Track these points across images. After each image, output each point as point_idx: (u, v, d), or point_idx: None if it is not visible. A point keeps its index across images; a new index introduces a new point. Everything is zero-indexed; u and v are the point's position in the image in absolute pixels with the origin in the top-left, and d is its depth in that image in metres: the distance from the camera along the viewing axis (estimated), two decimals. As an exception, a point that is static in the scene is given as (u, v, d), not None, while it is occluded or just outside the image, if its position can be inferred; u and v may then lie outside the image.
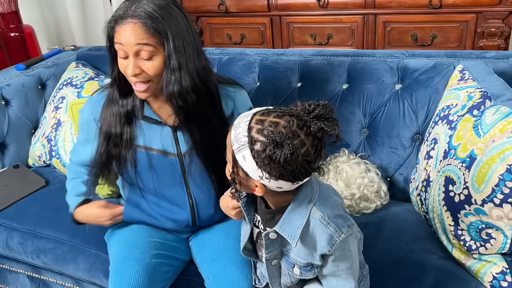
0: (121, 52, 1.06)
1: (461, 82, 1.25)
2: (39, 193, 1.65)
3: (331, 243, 0.86)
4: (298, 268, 0.92)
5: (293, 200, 0.87)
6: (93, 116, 1.22)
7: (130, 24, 1.03)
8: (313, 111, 0.77)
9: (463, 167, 1.05)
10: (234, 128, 0.82)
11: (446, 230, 1.12)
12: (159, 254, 1.17)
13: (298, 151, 0.76)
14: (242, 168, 0.81)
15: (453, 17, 2.02)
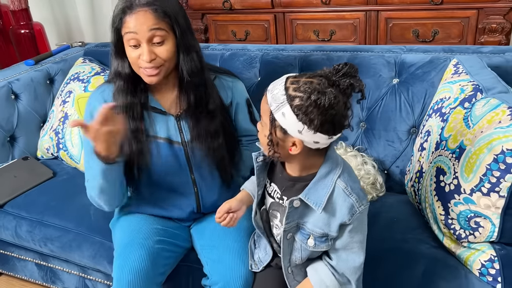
0: (132, 41, 1.10)
1: (455, 76, 1.28)
2: (46, 184, 1.71)
3: (351, 212, 0.91)
4: (313, 239, 0.96)
5: (319, 170, 0.92)
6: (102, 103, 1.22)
7: (141, 12, 1.08)
8: (341, 70, 0.83)
9: (453, 158, 1.08)
10: (270, 91, 0.87)
11: (437, 219, 1.15)
12: (162, 240, 1.21)
13: (339, 98, 0.82)
14: (280, 126, 0.85)
15: (454, 13, 2.04)
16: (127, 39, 1.10)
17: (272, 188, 1.02)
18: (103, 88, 1.25)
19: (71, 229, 1.48)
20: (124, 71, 1.17)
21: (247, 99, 1.34)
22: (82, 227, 1.48)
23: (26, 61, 1.96)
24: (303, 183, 0.95)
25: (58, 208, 1.56)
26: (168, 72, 1.16)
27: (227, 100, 1.27)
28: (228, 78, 1.29)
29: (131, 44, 1.10)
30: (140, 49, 1.10)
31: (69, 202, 1.59)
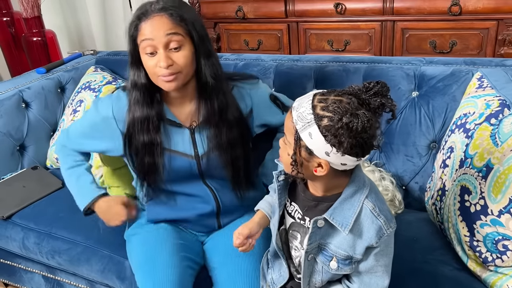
0: (148, 48, 1.07)
1: (479, 90, 1.23)
2: (55, 194, 1.68)
3: (379, 235, 0.87)
4: (335, 262, 0.91)
5: (345, 190, 0.88)
6: (115, 115, 1.20)
7: (156, 18, 1.06)
8: (372, 88, 0.79)
9: (479, 177, 1.03)
10: (295, 109, 0.83)
11: (461, 240, 1.09)
12: (185, 257, 1.18)
13: (372, 120, 0.78)
14: (306, 146, 0.81)
15: (473, 24, 1.99)
16: (143, 47, 1.07)
17: (292, 207, 0.98)
18: (119, 96, 1.22)
19: (79, 242, 1.45)
20: (140, 81, 1.13)
21: (270, 95, 1.31)
22: (91, 240, 1.44)
23: (38, 69, 1.95)
24: (327, 203, 0.91)
25: (66, 220, 1.53)
26: (186, 80, 1.13)
27: (246, 108, 1.24)
28: (246, 85, 1.26)
29: (147, 52, 1.07)
30: (157, 57, 1.07)
31: (77, 213, 1.52)
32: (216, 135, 1.18)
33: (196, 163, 1.20)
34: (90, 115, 1.27)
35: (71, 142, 1.33)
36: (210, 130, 1.18)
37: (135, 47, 1.10)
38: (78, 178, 1.32)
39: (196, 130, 1.19)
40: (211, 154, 1.19)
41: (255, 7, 2.40)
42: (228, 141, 1.18)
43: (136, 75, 1.13)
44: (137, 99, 1.15)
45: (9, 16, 2.47)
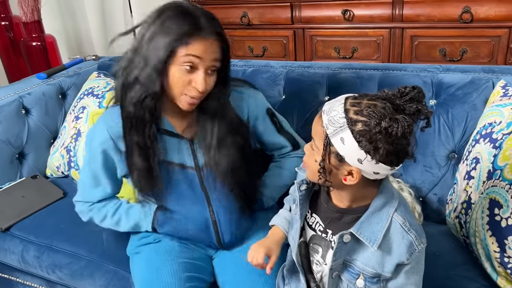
0: (189, 64, 1.00)
1: (504, 99, 1.19)
2: (56, 205, 1.61)
3: (410, 251, 0.82)
4: (362, 280, 0.85)
5: (373, 203, 0.83)
6: (110, 134, 1.14)
7: (210, 40, 1.00)
8: (408, 94, 0.75)
9: (511, 190, 0.98)
10: (326, 113, 0.78)
11: (490, 256, 1.04)
12: (191, 277, 1.11)
13: (412, 126, 0.73)
14: (337, 152, 0.76)
15: (484, 31, 1.96)
16: (183, 61, 1.00)
17: (313, 219, 0.92)
18: (111, 112, 1.16)
19: (82, 256, 1.38)
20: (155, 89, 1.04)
21: (268, 109, 1.25)
22: (95, 253, 1.37)
23: (38, 74, 1.88)
24: (353, 216, 0.85)
25: (68, 232, 1.46)
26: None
27: (243, 117, 1.18)
28: (245, 91, 1.20)
29: (186, 66, 1.01)
30: (193, 75, 1.02)
31: (80, 225, 1.47)
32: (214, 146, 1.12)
33: (196, 175, 1.15)
34: (90, 159, 1.20)
35: (93, 196, 1.25)
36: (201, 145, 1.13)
37: (169, 54, 1.00)
38: (127, 214, 1.24)
39: (195, 141, 1.14)
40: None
41: (261, 13, 2.36)
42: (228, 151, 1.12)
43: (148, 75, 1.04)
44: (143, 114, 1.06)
45: (7, 20, 2.40)
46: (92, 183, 1.22)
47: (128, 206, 1.24)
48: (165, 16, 1.01)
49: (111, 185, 1.22)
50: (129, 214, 1.22)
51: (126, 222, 1.23)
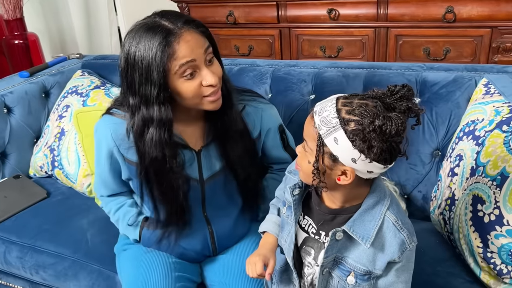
0: (188, 71, 0.95)
1: (487, 97, 1.20)
2: (39, 205, 1.59)
3: (402, 249, 0.82)
4: (353, 277, 0.85)
5: (365, 201, 0.83)
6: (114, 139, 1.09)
7: (188, 35, 0.93)
8: (398, 92, 0.75)
9: (493, 186, 1.00)
10: (318, 113, 0.77)
11: (473, 252, 1.05)
12: (180, 277, 1.10)
13: (405, 124, 0.73)
14: (331, 153, 0.76)
15: (467, 31, 1.99)
16: (181, 72, 0.94)
17: (306, 221, 0.92)
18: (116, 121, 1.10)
19: (66, 256, 1.36)
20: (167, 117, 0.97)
21: (280, 125, 1.23)
22: (79, 253, 1.36)
23: (21, 72, 1.85)
24: (345, 216, 0.85)
25: (52, 232, 1.44)
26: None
27: (255, 131, 1.15)
28: (259, 105, 1.17)
29: (186, 76, 0.95)
30: (199, 77, 0.97)
31: (64, 225, 1.47)
32: (222, 155, 1.10)
33: (200, 189, 1.12)
34: (98, 160, 1.16)
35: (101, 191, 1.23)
36: (219, 150, 1.10)
37: (164, 77, 0.93)
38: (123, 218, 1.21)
39: (203, 152, 1.10)
40: (218, 176, 1.12)
41: (247, 12, 2.35)
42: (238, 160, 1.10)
43: (160, 111, 0.96)
44: (157, 139, 0.99)
45: (-12, 18, 2.37)
46: (100, 180, 1.21)
47: (126, 211, 1.20)
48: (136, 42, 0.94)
49: (117, 185, 1.20)
50: (124, 219, 1.20)
51: (121, 225, 1.22)
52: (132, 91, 0.97)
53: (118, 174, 1.16)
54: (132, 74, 0.95)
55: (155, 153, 1.00)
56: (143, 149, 1.01)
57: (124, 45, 0.98)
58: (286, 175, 0.98)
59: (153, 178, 1.04)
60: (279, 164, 1.27)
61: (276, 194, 1.05)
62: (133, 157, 1.08)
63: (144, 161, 1.03)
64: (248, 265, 0.92)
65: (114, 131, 1.08)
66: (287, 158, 1.25)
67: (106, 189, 1.21)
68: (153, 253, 1.14)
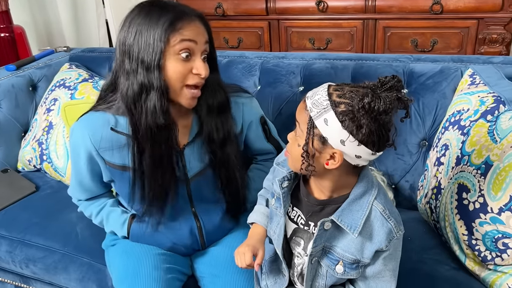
0: (185, 52, 0.96)
1: (472, 87, 1.22)
2: (28, 198, 1.58)
3: (389, 238, 0.84)
4: (342, 266, 0.87)
5: (353, 191, 0.84)
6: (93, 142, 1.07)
7: (198, 22, 0.98)
8: (388, 82, 0.75)
9: (478, 174, 1.01)
10: (309, 98, 0.79)
11: (459, 239, 1.07)
12: (170, 268, 1.10)
13: (394, 104, 0.74)
14: (320, 135, 0.77)
15: (454, 23, 2.01)
16: (178, 48, 0.95)
17: (295, 213, 0.93)
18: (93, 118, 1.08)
19: (56, 249, 1.36)
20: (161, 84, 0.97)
21: (261, 117, 1.23)
22: (69, 247, 1.35)
23: (7, 66, 1.83)
24: (333, 206, 0.86)
25: (41, 226, 1.44)
26: None
27: (237, 125, 1.15)
28: (240, 99, 1.17)
29: (183, 55, 0.96)
30: (191, 63, 0.98)
31: (53, 219, 1.46)
32: (209, 152, 1.10)
33: (185, 187, 1.11)
34: (74, 162, 1.14)
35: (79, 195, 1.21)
36: (203, 147, 1.10)
37: (162, 48, 0.95)
38: (107, 219, 1.20)
39: (186, 151, 1.10)
40: (203, 174, 1.11)
41: (235, 4, 2.35)
42: (222, 159, 1.10)
43: (160, 78, 0.96)
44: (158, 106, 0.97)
45: (-27, 10, 2.32)
46: (77, 184, 1.18)
47: (109, 210, 1.19)
48: (145, 12, 0.97)
49: (97, 187, 1.18)
50: (108, 219, 1.19)
51: (106, 226, 1.21)
52: (131, 53, 0.97)
53: (99, 176, 1.14)
54: (135, 36, 0.96)
55: (156, 120, 0.98)
56: (139, 116, 0.99)
57: (132, 10, 1.00)
58: (274, 166, 0.99)
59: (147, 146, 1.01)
60: (263, 155, 1.28)
61: (264, 185, 1.06)
62: (116, 160, 1.07)
63: (138, 128, 1.00)
64: (237, 256, 0.93)
65: (93, 134, 1.06)
66: (270, 149, 1.26)
67: (85, 193, 1.19)
68: (142, 246, 1.14)
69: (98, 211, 1.20)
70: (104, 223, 1.20)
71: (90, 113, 1.10)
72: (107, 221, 1.19)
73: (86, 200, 1.22)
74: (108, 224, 1.19)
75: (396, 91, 0.75)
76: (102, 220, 1.21)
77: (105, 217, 1.20)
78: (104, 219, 1.20)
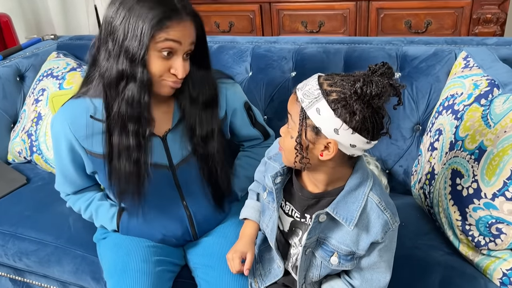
0: (167, 50, 0.95)
1: (466, 70, 1.20)
2: (19, 191, 1.56)
3: (385, 230, 0.83)
4: (337, 257, 0.86)
5: (348, 182, 0.83)
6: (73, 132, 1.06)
7: (187, 23, 0.96)
8: (378, 70, 0.74)
9: (471, 159, 1.00)
10: (300, 89, 0.78)
11: (452, 225, 1.07)
12: (161, 261, 1.09)
13: (386, 87, 0.72)
14: (313, 125, 0.76)
15: (448, 3, 1.97)
16: (161, 46, 0.95)
17: (288, 207, 0.92)
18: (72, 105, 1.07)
19: (49, 242, 1.35)
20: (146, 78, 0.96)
21: (245, 102, 1.22)
22: (61, 239, 1.34)
23: (-7, 56, 1.79)
24: (329, 198, 0.85)
25: (33, 219, 1.42)
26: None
27: (221, 111, 1.14)
28: (223, 85, 1.15)
29: (164, 53, 0.96)
30: (171, 61, 0.97)
31: (45, 211, 1.45)
32: (192, 144, 1.08)
33: (172, 174, 1.10)
34: (57, 154, 1.12)
35: (66, 189, 1.19)
36: (186, 135, 1.08)
37: (148, 44, 0.93)
38: (96, 213, 1.19)
39: (168, 137, 1.08)
40: (188, 162, 1.10)
41: (226, -13, 2.30)
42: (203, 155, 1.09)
43: (141, 72, 0.95)
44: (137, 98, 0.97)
45: (-44, -2, 2.27)
46: (62, 177, 1.16)
47: (97, 205, 1.18)
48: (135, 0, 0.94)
49: (82, 180, 1.17)
50: (98, 214, 1.18)
51: (96, 221, 1.20)
52: (115, 36, 0.95)
53: (82, 168, 1.13)
54: (122, 21, 0.94)
55: (130, 111, 0.97)
56: (114, 101, 0.98)
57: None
58: (266, 160, 0.97)
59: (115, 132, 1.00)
60: (249, 141, 1.27)
61: (255, 177, 1.05)
62: (96, 148, 1.06)
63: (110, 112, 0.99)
64: (228, 262, 0.95)
65: (72, 123, 1.05)
66: (257, 135, 1.26)
67: (71, 186, 1.18)
68: (133, 239, 1.13)
69: (87, 206, 1.19)
70: (94, 218, 1.19)
71: (70, 101, 1.09)
72: (96, 216, 1.18)
73: (73, 194, 1.20)
74: (98, 219, 1.18)
75: (387, 78, 0.73)
76: (91, 215, 1.19)
77: (94, 212, 1.18)
78: (93, 214, 1.19)
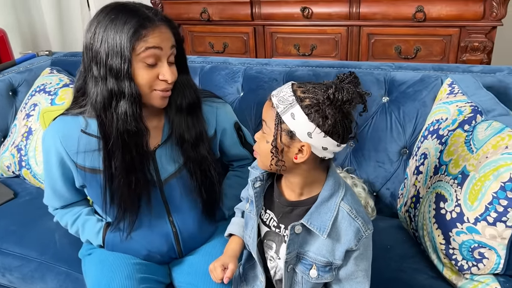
0: (151, 59, 0.97)
1: (451, 96, 1.23)
2: (6, 206, 1.55)
3: (358, 237, 0.85)
4: (315, 270, 0.88)
5: (321, 194, 0.86)
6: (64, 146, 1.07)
7: (162, 28, 0.98)
8: (346, 78, 0.80)
9: (455, 184, 1.02)
10: (275, 96, 0.83)
11: (436, 248, 1.08)
12: (145, 278, 1.08)
13: (355, 94, 0.77)
14: (287, 130, 0.80)
15: (436, 30, 2.02)
16: (144, 57, 0.96)
17: (267, 215, 0.93)
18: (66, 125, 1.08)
19: (33, 258, 1.34)
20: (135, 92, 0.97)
21: (235, 122, 1.23)
22: (46, 255, 1.33)
23: (-14, 70, 1.80)
24: (303, 208, 0.88)
25: (18, 234, 1.41)
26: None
27: (211, 129, 1.15)
28: (213, 104, 1.17)
29: (148, 63, 0.97)
30: (157, 69, 0.99)
31: (31, 226, 1.44)
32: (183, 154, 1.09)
33: (158, 191, 1.09)
34: (47, 168, 1.13)
35: (54, 203, 1.19)
36: (175, 149, 1.09)
37: (130, 57, 0.95)
38: (83, 228, 1.18)
39: (157, 152, 1.09)
40: (177, 176, 1.10)
41: (221, 9, 2.34)
42: (196, 159, 1.09)
43: (131, 86, 0.96)
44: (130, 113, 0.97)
45: (-46, 12, 2.29)
46: (51, 191, 1.16)
47: (84, 219, 1.18)
48: (109, 18, 0.96)
49: (70, 194, 1.17)
50: (84, 228, 1.17)
51: (82, 235, 1.19)
52: (98, 59, 0.96)
53: (71, 182, 1.13)
54: (101, 43, 0.96)
55: (128, 127, 0.98)
56: (110, 122, 0.99)
57: (98, 14, 0.99)
58: (250, 170, 0.99)
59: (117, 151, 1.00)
60: (239, 161, 1.29)
61: (242, 195, 1.06)
62: (87, 163, 1.07)
63: (109, 134, 0.99)
64: (210, 273, 0.95)
65: (63, 136, 1.06)
66: (246, 155, 1.27)
67: (59, 200, 1.18)
68: (118, 255, 1.12)
69: (74, 220, 1.18)
70: (80, 232, 1.19)
71: (61, 117, 1.10)
72: (83, 230, 1.18)
73: (61, 209, 1.20)
74: (84, 234, 1.17)
75: (354, 86, 0.79)
76: (77, 229, 1.19)
77: (80, 226, 1.18)
78: (79, 228, 1.18)
